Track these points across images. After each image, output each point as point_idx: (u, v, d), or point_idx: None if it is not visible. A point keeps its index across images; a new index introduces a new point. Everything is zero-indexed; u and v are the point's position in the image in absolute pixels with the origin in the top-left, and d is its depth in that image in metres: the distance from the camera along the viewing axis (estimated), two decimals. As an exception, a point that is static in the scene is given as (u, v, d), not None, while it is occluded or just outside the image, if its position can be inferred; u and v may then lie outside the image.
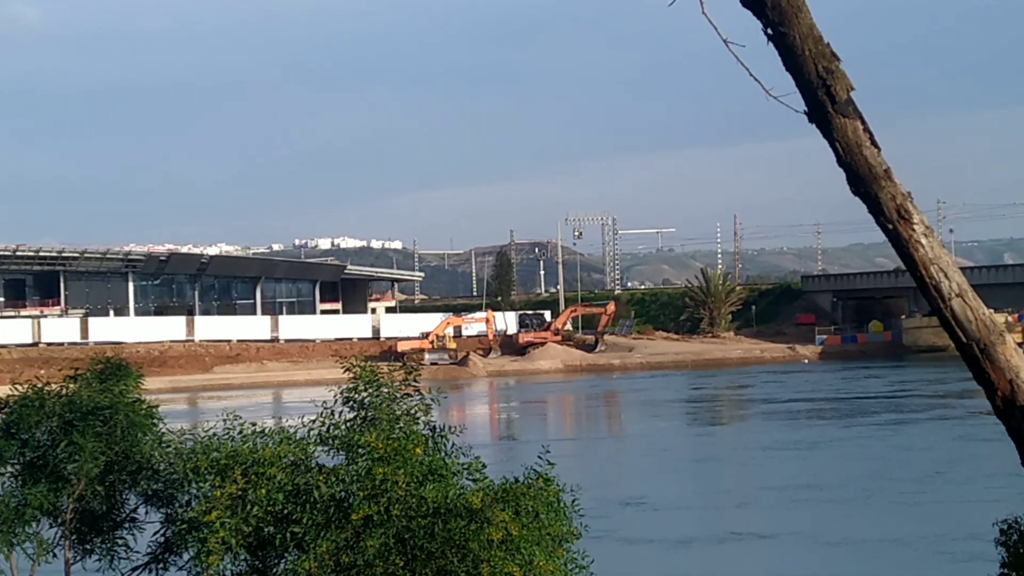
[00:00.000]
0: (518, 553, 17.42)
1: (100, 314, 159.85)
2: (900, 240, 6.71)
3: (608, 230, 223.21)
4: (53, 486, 20.58)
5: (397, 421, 19.07)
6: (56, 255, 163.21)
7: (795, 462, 64.00)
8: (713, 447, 74.23)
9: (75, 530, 21.55)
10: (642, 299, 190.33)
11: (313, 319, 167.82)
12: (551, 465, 18.88)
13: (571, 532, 18.54)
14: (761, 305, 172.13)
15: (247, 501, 18.14)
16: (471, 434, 20.87)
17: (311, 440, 19.21)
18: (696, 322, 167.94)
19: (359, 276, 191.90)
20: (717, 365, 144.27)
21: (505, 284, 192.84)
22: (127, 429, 20.88)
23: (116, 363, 22.38)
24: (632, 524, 44.68)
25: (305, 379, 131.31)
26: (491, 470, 19.35)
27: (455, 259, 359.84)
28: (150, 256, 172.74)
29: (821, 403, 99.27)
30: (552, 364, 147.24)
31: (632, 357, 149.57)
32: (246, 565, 18.70)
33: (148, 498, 21.27)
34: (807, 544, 43.63)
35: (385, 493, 17.86)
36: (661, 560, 40.67)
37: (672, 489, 56.53)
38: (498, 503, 17.76)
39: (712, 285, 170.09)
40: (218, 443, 19.36)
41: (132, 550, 21.65)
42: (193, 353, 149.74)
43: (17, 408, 21.10)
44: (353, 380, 19.57)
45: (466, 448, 19.55)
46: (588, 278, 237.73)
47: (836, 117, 6.65)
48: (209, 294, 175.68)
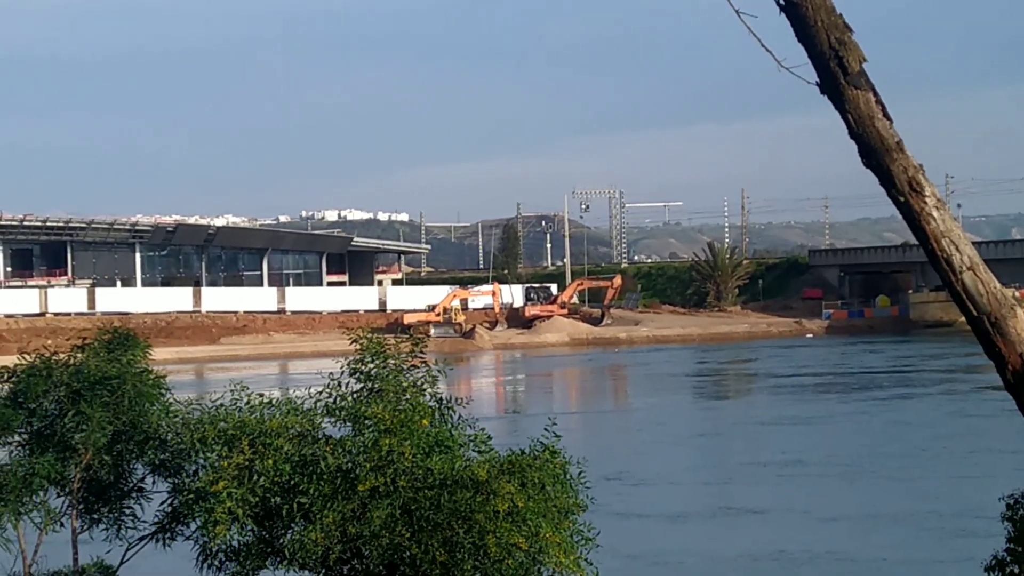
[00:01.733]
0: (524, 525, 17.45)
1: (107, 284, 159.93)
2: (912, 213, 6.69)
3: (615, 203, 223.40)
4: (60, 456, 20.61)
5: (404, 393, 19.09)
6: (63, 225, 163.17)
7: (795, 437, 64.02)
8: (715, 422, 74.25)
9: (82, 499, 21.58)
10: (649, 273, 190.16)
11: (320, 291, 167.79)
12: (557, 437, 18.88)
13: (577, 504, 18.56)
14: (768, 279, 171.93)
15: (254, 471, 18.19)
16: (477, 406, 20.90)
17: (318, 411, 19.25)
18: (703, 296, 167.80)
19: (366, 248, 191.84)
20: (723, 339, 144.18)
21: (512, 257, 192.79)
22: (134, 399, 20.89)
23: (124, 333, 22.36)
24: (627, 498, 44.66)
25: (312, 351, 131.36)
26: (497, 442, 19.37)
27: (462, 232, 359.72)
28: (157, 227, 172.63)
29: (826, 378, 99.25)
30: (558, 337, 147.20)
31: (638, 331, 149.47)
32: (253, 535, 18.76)
33: (155, 468, 21.29)
34: (800, 519, 43.64)
35: (392, 464, 17.90)
36: (653, 535, 40.69)
37: (671, 463, 56.54)
38: (504, 475, 17.80)
39: (719, 259, 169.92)
40: (225, 414, 19.40)
41: (139, 520, 21.70)
42: (200, 324, 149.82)
43: (25, 378, 21.11)
44: (360, 352, 19.58)
45: (472, 420, 19.58)
46: (595, 251, 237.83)
47: (848, 88, 6.62)
48: (216, 265, 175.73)
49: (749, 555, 38.20)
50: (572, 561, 17.63)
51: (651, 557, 37.29)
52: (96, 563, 22.03)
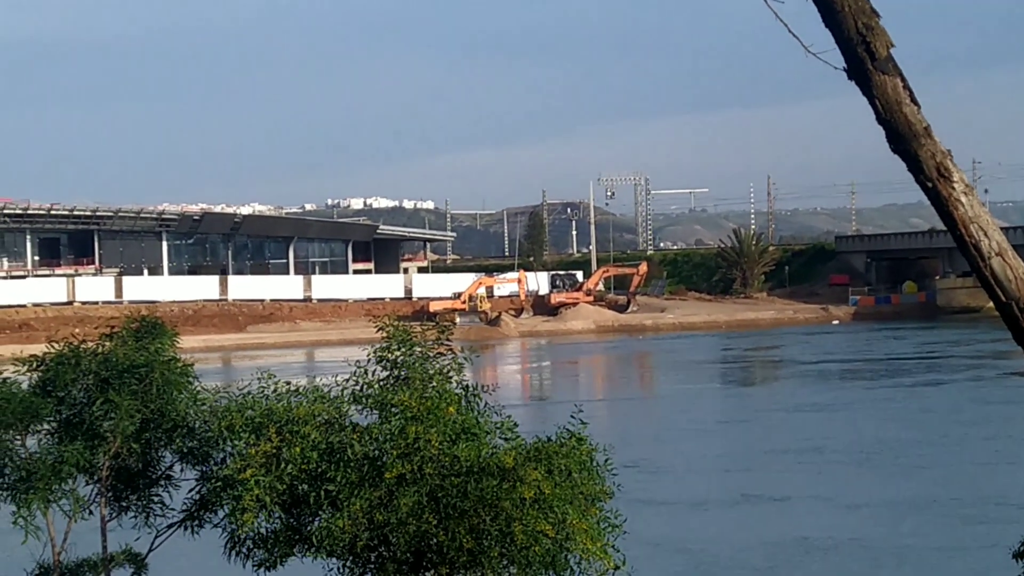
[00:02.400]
0: (551, 512, 17.45)
1: (134, 273, 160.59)
2: (940, 198, 6.67)
3: (641, 190, 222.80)
4: (89, 443, 20.65)
5: (430, 380, 19.09)
6: (90, 214, 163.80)
7: (819, 424, 63.95)
8: (739, 409, 74.16)
9: (111, 487, 21.64)
10: (674, 260, 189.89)
11: (346, 279, 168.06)
12: (584, 424, 18.89)
13: (604, 491, 18.55)
14: (794, 266, 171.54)
15: (281, 459, 18.22)
16: (503, 394, 20.90)
17: (345, 399, 19.26)
18: (729, 283, 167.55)
19: (392, 236, 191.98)
20: (750, 326, 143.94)
21: (537, 244, 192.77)
22: (162, 387, 20.92)
23: (151, 322, 22.38)
24: (650, 486, 44.63)
25: (338, 339, 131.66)
26: (523, 429, 19.38)
27: (487, 219, 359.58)
28: (184, 216, 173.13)
29: (851, 364, 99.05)
30: (584, 324, 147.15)
31: (664, 318, 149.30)
32: (280, 523, 18.80)
33: (183, 456, 21.33)
34: (823, 506, 43.57)
35: (418, 452, 17.92)
36: (676, 522, 40.67)
37: (694, 450, 56.53)
38: (530, 462, 17.81)
39: (745, 246, 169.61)
40: (252, 401, 19.43)
41: (167, 507, 21.74)
42: (227, 312, 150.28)
43: (53, 366, 21.16)
44: (386, 339, 19.59)
45: (498, 407, 19.58)
46: (620, 238, 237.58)
47: (876, 74, 6.60)
48: (242, 254, 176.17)
49: (772, 542, 38.20)
50: (599, 548, 17.63)
51: (674, 544, 37.31)
52: (125, 551, 22.10)
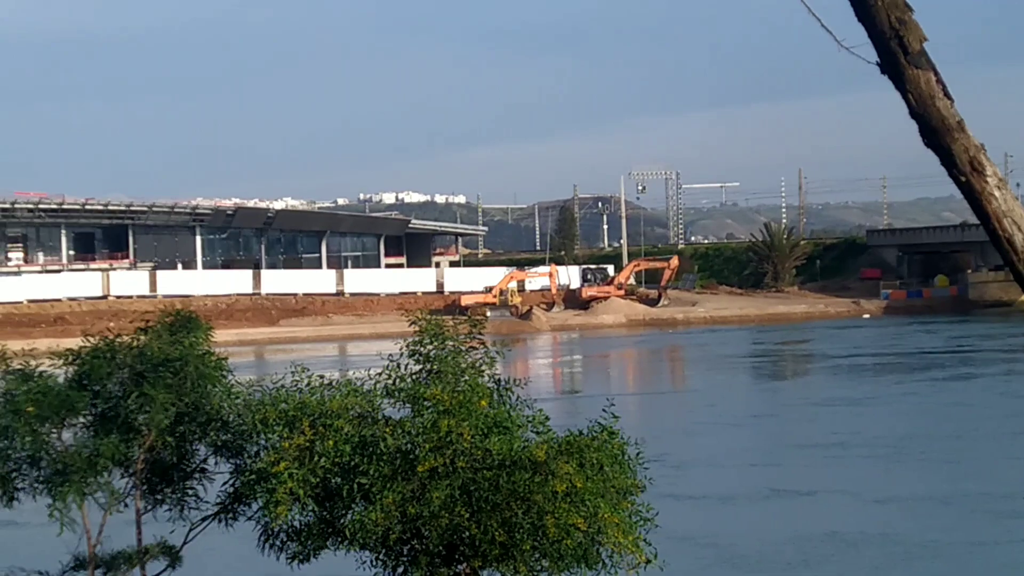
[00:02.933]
0: (583, 505, 17.48)
1: (168, 267, 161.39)
2: (973, 193, 6.67)
3: (672, 184, 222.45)
4: (124, 437, 20.76)
5: (462, 374, 19.14)
6: (124, 209, 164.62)
7: (848, 418, 63.73)
8: (769, 402, 73.95)
9: (146, 480, 21.75)
10: (706, 253, 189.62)
11: (378, 273, 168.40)
12: (616, 418, 18.90)
13: (636, 485, 18.57)
14: (826, 260, 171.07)
15: (315, 452, 18.30)
16: (534, 387, 20.96)
17: (377, 392, 19.31)
18: (760, 277, 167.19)
19: (423, 230, 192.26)
20: (781, 320, 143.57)
21: (568, 238, 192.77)
22: (197, 381, 21.01)
23: (186, 315, 22.48)
24: (679, 479, 44.55)
25: (370, 332, 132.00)
26: (555, 423, 19.41)
27: (518, 213, 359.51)
28: (217, 210, 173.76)
29: (882, 358, 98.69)
30: (615, 318, 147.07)
31: (695, 312, 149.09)
32: (314, 515, 18.86)
33: (217, 449, 21.41)
34: (852, 501, 43.43)
35: (450, 445, 17.98)
36: (704, 516, 40.59)
37: (723, 444, 56.40)
38: (562, 456, 17.84)
39: (776, 239, 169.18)
40: (286, 395, 19.49)
41: (202, 500, 21.83)
42: (260, 306, 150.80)
43: (89, 360, 21.28)
44: (418, 333, 19.65)
45: (530, 401, 19.61)
46: (651, 232, 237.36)
47: (909, 68, 6.60)
48: (275, 248, 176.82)
49: (802, 536, 38.11)
50: (631, 541, 17.65)
51: (703, 538, 37.24)
52: (159, 543, 22.21)
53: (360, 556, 18.75)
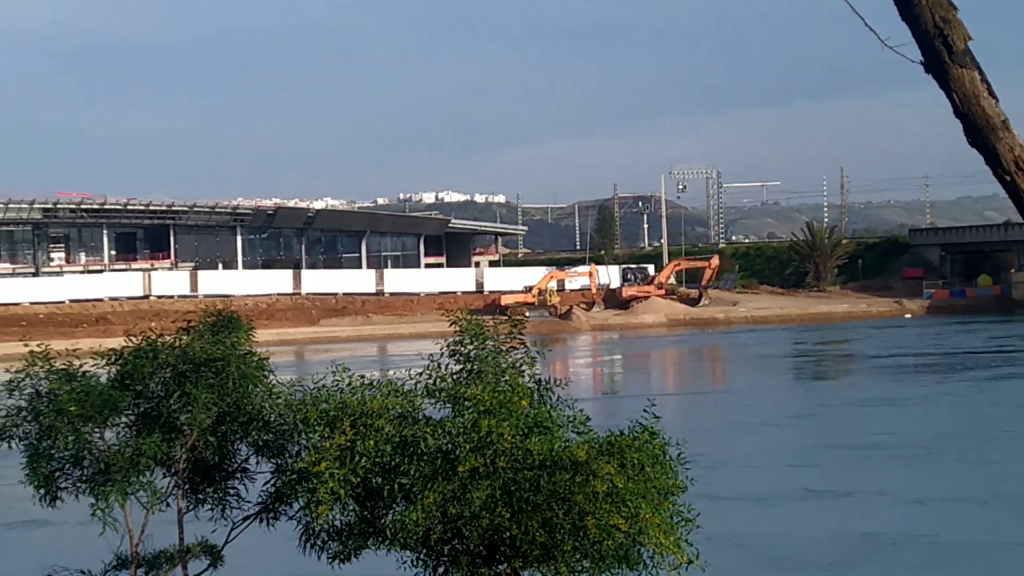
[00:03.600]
0: (623, 506, 17.44)
1: (209, 267, 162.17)
2: (1018, 192, 6.63)
3: (712, 183, 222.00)
4: (166, 436, 20.84)
5: (503, 374, 19.13)
6: (166, 209, 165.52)
7: (887, 418, 63.45)
8: (808, 403, 73.57)
9: (188, 480, 21.83)
10: (746, 253, 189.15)
11: (418, 273, 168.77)
12: (656, 418, 18.85)
13: (677, 485, 18.50)
14: (868, 259, 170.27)
15: (355, 452, 18.33)
16: (574, 387, 20.93)
17: (418, 392, 19.33)
18: (801, 276, 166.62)
19: (463, 230, 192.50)
20: (822, 320, 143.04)
21: (608, 238, 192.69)
22: (239, 381, 21.08)
23: (228, 316, 22.55)
24: (715, 480, 44.32)
25: (410, 332, 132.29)
26: (595, 423, 19.37)
27: (558, 213, 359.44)
28: (258, 210, 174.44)
29: (923, 358, 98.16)
30: (655, 318, 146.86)
31: (736, 311, 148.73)
32: (354, 515, 18.90)
33: (259, 449, 21.48)
34: (889, 502, 43.20)
35: (491, 445, 17.97)
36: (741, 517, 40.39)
37: (760, 444, 56.19)
38: (603, 456, 17.80)
39: (818, 239, 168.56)
40: (327, 395, 19.53)
41: (243, 500, 21.90)
42: (300, 306, 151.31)
43: (131, 359, 21.40)
44: (459, 333, 19.65)
45: (570, 401, 19.58)
46: (692, 232, 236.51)
47: (953, 67, 6.56)
48: (315, 248, 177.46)
49: (839, 537, 37.95)
50: (672, 542, 17.60)
51: (739, 539, 37.07)
52: (201, 543, 22.29)
53: (401, 556, 18.78)
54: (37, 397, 21.13)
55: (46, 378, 21.22)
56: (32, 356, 21.37)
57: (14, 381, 21.36)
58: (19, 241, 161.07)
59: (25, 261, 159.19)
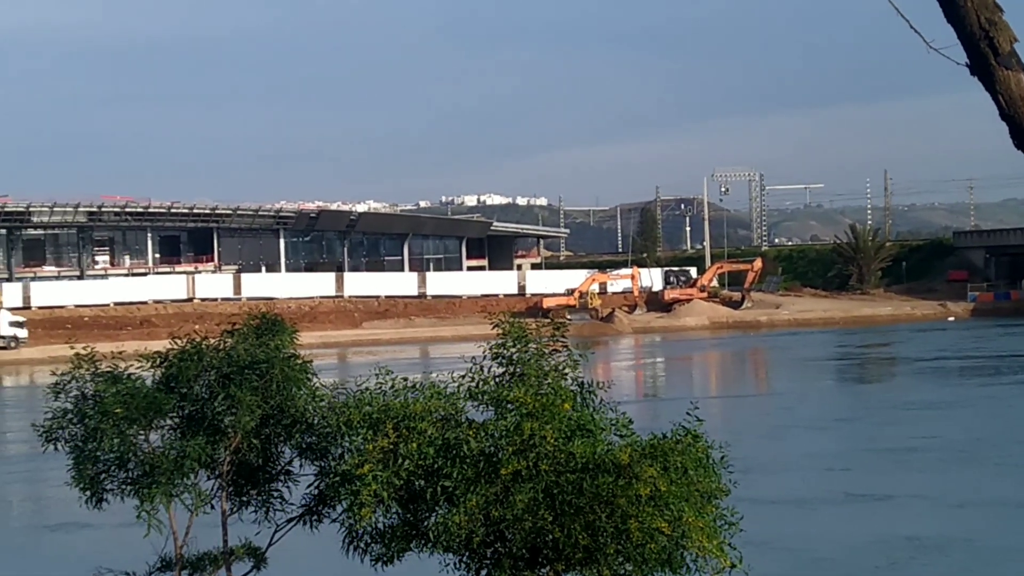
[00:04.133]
0: (666, 509, 17.41)
1: (252, 270, 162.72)
2: (1064, 194, 6.58)
3: (755, 186, 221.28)
4: (211, 438, 20.95)
5: (545, 377, 19.14)
6: (209, 212, 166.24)
7: (929, 422, 63.14)
8: (849, 406, 73.15)
9: (232, 482, 21.94)
10: (789, 255, 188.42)
11: (460, 275, 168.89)
12: (700, 422, 18.81)
13: (720, 489, 18.46)
14: (912, 262, 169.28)
15: (398, 455, 18.37)
16: (616, 390, 20.93)
17: (461, 395, 19.36)
18: (845, 279, 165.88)
19: (505, 233, 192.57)
20: (866, 323, 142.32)
21: (650, 240, 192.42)
22: (282, 383, 21.18)
23: (272, 318, 22.67)
24: (756, 483, 44.18)
25: (452, 335, 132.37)
26: (637, 426, 19.34)
27: (601, 215, 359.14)
28: (300, 213, 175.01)
29: (966, 362, 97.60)
30: (698, 321, 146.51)
31: (779, 314, 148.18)
32: (397, 518, 18.95)
33: (302, 451, 21.56)
34: (931, 506, 42.96)
35: (534, 448, 17.98)
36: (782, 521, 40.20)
37: (801, 448, 55.94)
38: (646, 459, 17.77)
39: (861, 241, 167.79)
40: (370, 397, 19.58)
41: (287, 502, 22.00)
42: (343, 309, 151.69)
43: (176, 362, 21.53)
44: (502, 336, 19.67)
45: (613, 404, 19.56)
46: (735, 234, 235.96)
47: (999, 69, 6.53)
48: (358, 251, 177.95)
49: (880, 541, 37.74)
50: (715, 546, 17.56)
51: (780, 543, 36.89)
52: (245, 544, 22.39)
53: (443, 559, 18.80)
54: (83, 399, 21.30)
55: (92, 380, 21.37)
56: (78, 358, 21.52)
57: (60, 383, 21.53)
58: (64, 244, 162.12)
59: (70, 264, 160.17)
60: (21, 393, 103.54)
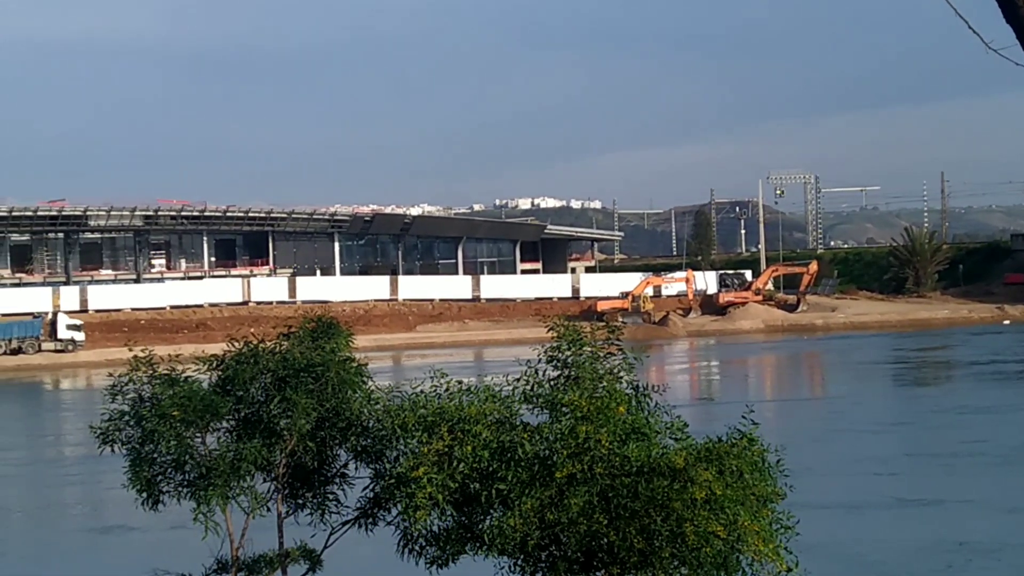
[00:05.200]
0: (722, 513, 17.34)
1: (307, 274, 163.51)
2: None
3: (810, 188, 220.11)
4: (267, 441, 21.02)
5: (600, 380, 19.10)
6: (265, 216, 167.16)
7: (980, 426, 62.63)
8: (902, 411, 72.61)
9: (287, 485, 22.02)
10: (845, 258, 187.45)
11: (514, 279, 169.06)
12: (755, 425, 18.72)
13: (776, 492, 18.37)
14: (968, 264, 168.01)
15: (453, 457, 18.39)
16: (671, 394, 20.84)
17: (515, 398, 19.36)
18: (901, 282, 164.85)
19: (559, 236, 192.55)
20: (922, 326, 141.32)
21: (705, 243, 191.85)
22: (338, 386, 21.23)
23: (327, 322, 22.75)
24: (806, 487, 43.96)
25: (506, 338, 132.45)
26: (692, 429, 19.27)
27: (655, 218, 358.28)
28: (355, 216, 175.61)
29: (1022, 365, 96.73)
30: (753, 324, 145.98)
31: (835, 317, 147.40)
32: (452, 521, 18.97)
33: (357, 454, 21.60)
34: (981, 510, 42.60)
35: (588, 451, 17.96)
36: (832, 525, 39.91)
37: (851, 452, 55.58)
38: (701, 463, 17.71)
39: (918, 244, 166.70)
40: (425, 400, 19.62)
41: (342, 505, 22.05)
42: (397, 312, 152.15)
43: (233, 365, 21.63)
44: (556, 339, 19.65)
45: (667, 407, 19.51)
46: (789, 237, 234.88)
47: (1059, 71, 6.48)
48: (412, 254, 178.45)
49: (932, 545, 37.48)
50: (771, 550, 17.47)
51: (831, 548, 36.63)
52: (300, 547, 22.45)
53: (498, 562, 18.79)
54: (140, 402, 21.43)
55: (149, 383, 21.51)
56: (136, 361, 21.66)
57: (117, 385, 21.67)
58: (121, 248, 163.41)
59: (127, 267, 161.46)
60: (78, 396, 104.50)
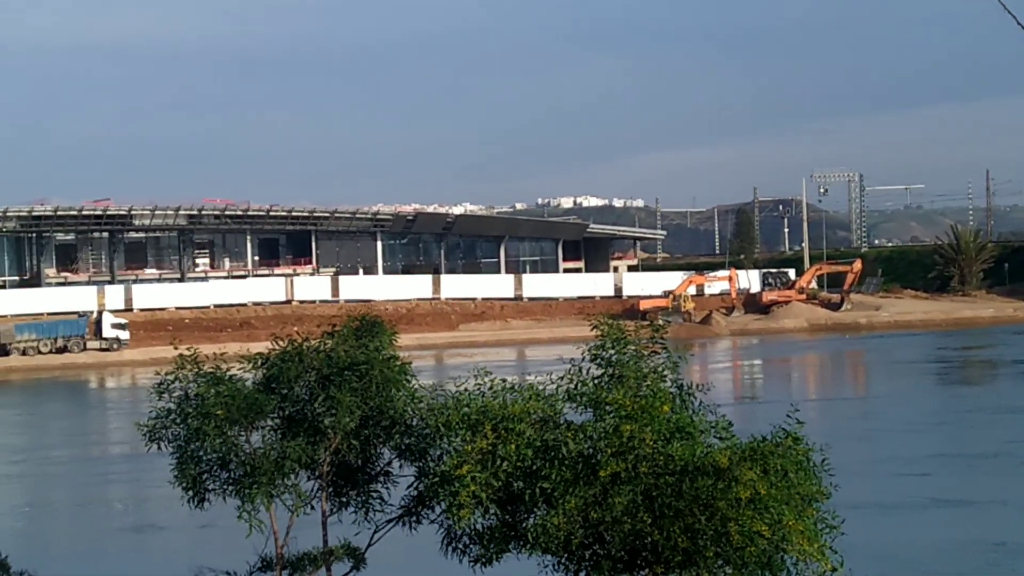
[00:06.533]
0: (766, 512, 17.29)
1: (350, 272, 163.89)
2: None
3: (854, 187, 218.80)
4: (311, 439, 21.06)
5: (644, 379, 19.07)
6: (308, 215, 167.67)
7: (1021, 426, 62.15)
8: (943, 410, 71.98)
9: (331, 483, 22.06)
10: (889, 257, 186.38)
11: (556, 277, 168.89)
12: (800, 424, 18.64)
13: (820, 492, 18.29)
14: (1014, 263, 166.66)
15: (497, 456, 18.38)
16: (714, 393, 20.76)
17: (559, 397, 19.33)
18: (945, 280, 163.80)
19: (601, 234, 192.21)
20: (967, 325, 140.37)
21: (748, 242, 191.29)
22: (382, 385, 21.25)
23: (371, 320, 22.75)
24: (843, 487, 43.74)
25: (548, 337, 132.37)
26: (736, 429, 19.20)
27: (697, 217, 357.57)
28: (397, 216, 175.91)
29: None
30: (796, 323, 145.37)
31: (879, 316, 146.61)
32: (496, 519, 18.95)
33: (401, 452, 21.62)
34: (1016, 511, 42.32)
35: (632, 450, 17.93)
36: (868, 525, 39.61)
37: (890, 452, 55.36)
38: (746, 462, 17.66)
39: (962, 242, 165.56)
40: (468, 399, 19.60)
41: (386, 503, 22.05)
42: (439, 311, 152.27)
43: (277, 363, 21.68)
44: (600, 338, 19.62)
45: (712, 406, 19.45)
46: (833, 236, 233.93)
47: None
48: (454, 253, 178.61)
49: (968, 545, 37.28)
50: (816, 549, 17.40)
51: (867, 548, 36.28)
52: (344, 545, 22.51)
53: (542, 560, 18.79)
54: (185, 400, 21.50)
55: (194, 381, 21.58)
56: (181, 359, 21.74)
57: (163, 384, 21.76)
58: (165, 247, 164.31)
59: (171, 267, 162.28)
60: (122, 395, 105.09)
